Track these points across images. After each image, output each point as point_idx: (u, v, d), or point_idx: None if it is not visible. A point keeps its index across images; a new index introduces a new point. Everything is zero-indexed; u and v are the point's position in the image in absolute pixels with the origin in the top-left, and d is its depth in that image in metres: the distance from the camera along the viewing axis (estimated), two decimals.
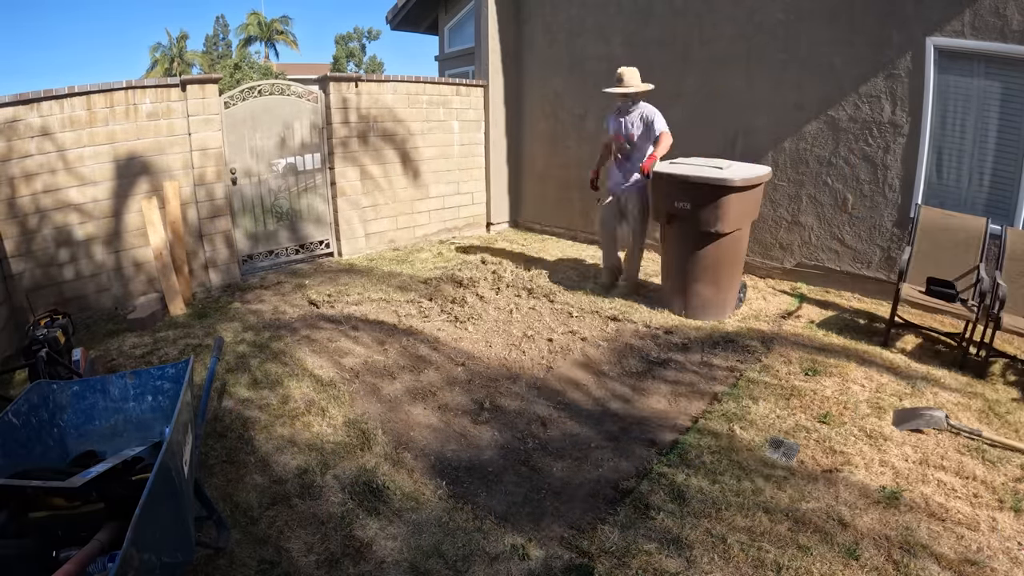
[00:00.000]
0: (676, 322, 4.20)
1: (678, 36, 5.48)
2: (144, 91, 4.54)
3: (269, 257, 5.63)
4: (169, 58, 31.71)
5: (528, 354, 3.75)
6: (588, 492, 2.52)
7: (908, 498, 2.40)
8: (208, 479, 2.53)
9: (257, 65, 30.13)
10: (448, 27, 8.93)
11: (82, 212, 4.39)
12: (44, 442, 2.07)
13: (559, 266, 5.68)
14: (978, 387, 3.31)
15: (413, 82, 6.21)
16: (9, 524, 1.66)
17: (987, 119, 4.07)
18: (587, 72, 6.27)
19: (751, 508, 2.35)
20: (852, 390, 3.25)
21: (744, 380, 3.37)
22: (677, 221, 4.11)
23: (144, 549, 1.45)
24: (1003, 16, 3.81)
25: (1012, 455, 2.67)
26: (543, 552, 2.16)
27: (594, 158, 6.42)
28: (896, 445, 2.76)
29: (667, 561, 2.10)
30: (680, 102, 5.35)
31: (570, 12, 6.31)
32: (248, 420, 3.02)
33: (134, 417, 2.32)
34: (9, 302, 4.10)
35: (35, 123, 4.11)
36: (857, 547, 2.14)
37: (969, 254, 3.82)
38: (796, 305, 4.61)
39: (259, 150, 5.33)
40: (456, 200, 6.87)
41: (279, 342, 3.96)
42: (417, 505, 2.42)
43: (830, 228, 4.83)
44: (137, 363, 3.69)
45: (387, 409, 3.18)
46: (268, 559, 2.13)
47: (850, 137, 4.60)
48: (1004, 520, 2.28)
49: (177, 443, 1.78)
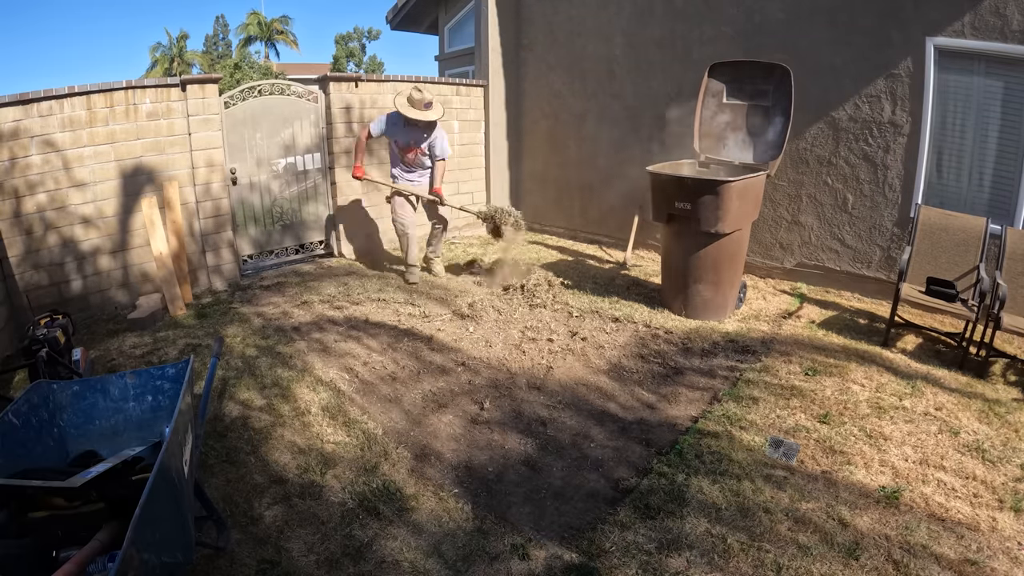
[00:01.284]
0: (676, 322, 4.20)
1: (678, 36, 5.48)
2: (144, 91, 4.54)
3: (269, 257, 5.63)
4: (169, 58, 31.69)
5: (528, 354, 3.75)
6: (588, 492, 2.52)
7: (908, 498, 2.40)
8: (208, 479, 2.53)
9: (257, 65, 30.11)
10: (448, 27, 8.93)
11: (82, 212, 4.39)
12: (44, 442, 2.06)
13: (559, 266, 5.68)
14: (978, 387, 3.31)
15: (413, 82, 6.21)
16: (9, 524, 1.66)
17: (987, 119, 4.07)
18: (587, 72, 6.27)
19: (751, 508, 2.35)
20: (852, 390, 3.25)
21: (744, 380, 3.37)
22: (677, 221, 4.11)
23: (144, 549, 1.45)
24: (1003, 16, 3.81)
25: (1012, 455, 2.67)
26: (543, 552, 2.16)
27: (595, 158, 6.47)
28: (896, 445, 2.76)
29: (667, 561, 2.10)
30: (680, 102, 5.35)
31: (570, 12, 6.31)
32: (249, 420, 3.02)
33: (134, 417, 2.31)
34: (9, 302, 4.10)
35: (35, 123, 4.11)
36: (857, 547, 2.14)
37: (969, 254, 3.82)
38: (796, 305, 4.61)
39: (259, 150, 5.33)
40: (456, 200, 6.81)
41: (279, 342, 3.96)
42: (417, 505, 2.42)
43: (830, 228, 4.83)
44: (137, 363, 3.69)
45: (387, 407, 3.18)
46: (268, 559, 2.13)
47: (850, 137, 4.60)
48: (1004, 520, 2.28)
49: (177, 443, 1.78)
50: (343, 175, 5.82)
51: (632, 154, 5.86)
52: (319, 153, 5.70)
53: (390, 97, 6.01)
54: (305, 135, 5.58)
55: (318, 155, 5.69)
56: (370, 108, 5.87)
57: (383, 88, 5.98)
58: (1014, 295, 3.51)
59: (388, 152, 5.22)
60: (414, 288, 5.01)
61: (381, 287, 5.00)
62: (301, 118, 5.53)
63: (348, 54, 37.63)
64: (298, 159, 5.58)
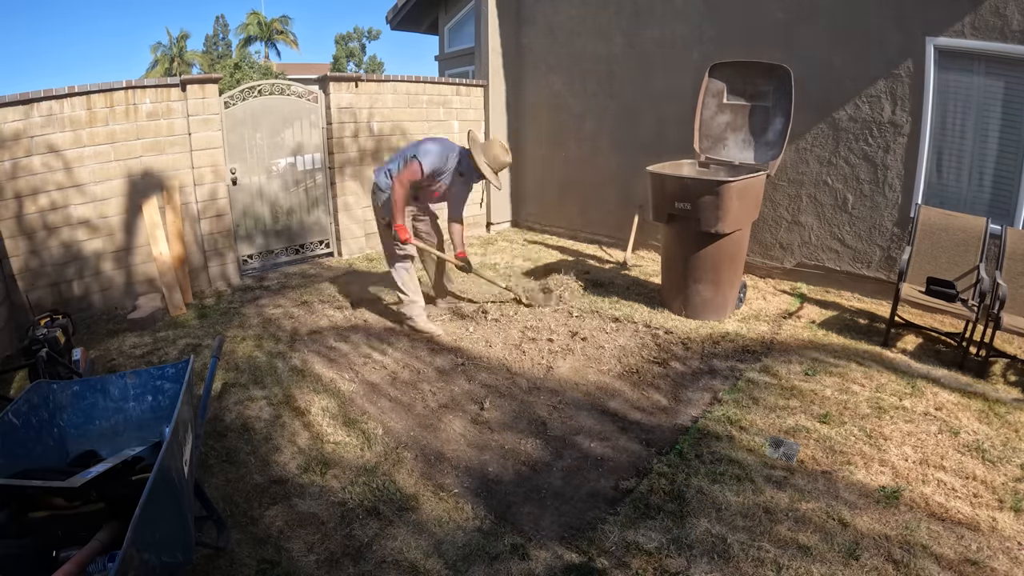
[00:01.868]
0: (676, 322, 4.20)
1: (678, 36, 5.48)
2: (144, 91, 4.54)
3: (269, 257, 5.63)
4: (169, 58, 31.67)
5: (528, 354, 3.75)
6: (588, 492, 2.52)
7: (908, 498, 2.40)
8: (208, 479, 2.53)
9: (257, 65, 30.11)
10: (448, 27, 8.93)
11: (82, 212, 4.39)
12: (44, 442, 2.07)
13: (559, 266, 5.67)
14: (978, 387, 3.30)
15: (413, 82, 6.21)
16: (9, 524, 1.66)
17: (987, 119, 4.06)
18: (587, 72, 6.27)
19: (751, 508, 2.35)
20: (852, 390, 3.25)
21: (744, 380, 3.37)
22: (677, 221, 4.11)
23: (144, 549, 1.45)
24: (1003, 16, 3.81)
25: (1012, 455, 2.67)
26: (543, 552, 2.16)
27: (594, 158, 6.46)
28: (896, 445, 2.76)
29: (667, 561, 2.10)
30: (680, 101, 5.35)
31: (570, 12, 6.31)
32: (249, 420, 3.03)
33: (134, 417, 2.31)
34: (9, 302, 4.10)
35: (35, 123, 4.11)
36: (857, 547, 2.14)
37: (969, 254, 3.82)
38: (796, 305, 4.61)
39: (259, 150, 5.33)
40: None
41: (279, 342, 3.96)
42: (417, 505, 2.42)
43: (830, 228, 4.83)
44: (137, 363, 3.69)
45: (387, 407, 3.18)
46: (268, 559, 2.13)
47: (850, 137, 4.60)
48: (1004, 520, 2.28)
49: (177, 443, 1.78)
50: (342, 175, 5.82)
51: (632, 154, 5.87)
52: (319, 153, 5.70)
53: (390, 97, 6.03)
54: (305, 135, 5.58)
55: (318, 155, 5.69)
56: (370, 108, 5.88)
57: (383, 88, 5.98)
58: (1014, 295, 3.51)
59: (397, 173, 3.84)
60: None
61: (381, 287, 5.00)
62: (301, 118, 5.53)
63: (348, 54, 37.64)
64: (298, 159, 5.58)
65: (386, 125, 6.06)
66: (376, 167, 4.35)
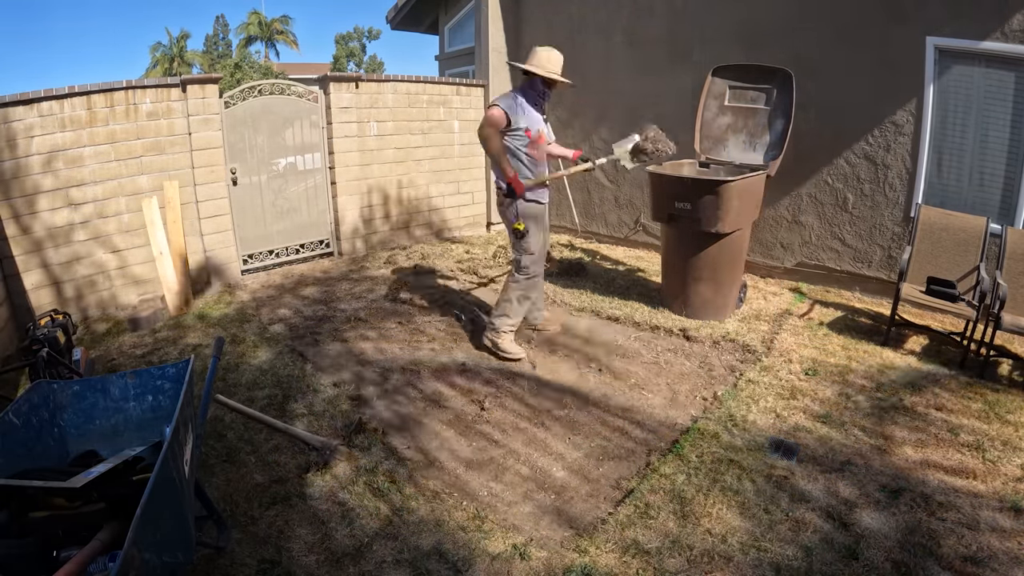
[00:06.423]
0: (677, 322, 4.20)
1: (678, 36, 5.47)
2: (144, 91, 4.54)
3: (269, 257, 5.63)
4: (169, 58, 31.66)
5: (527, 353, 3.75)
6: (588, 492, 2.52)
7: (908, 498, 2.40)
8: (208, 479, 2.53)
9: (257, 65, 30.11)
10: (448, 27, 8.93)
11: (82, 212, 4.39)
12: (44, 442, 2.06)
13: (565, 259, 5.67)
14: (979, 387, 3.30)
15: (413, 82, 6.21)
16: (10, 524, 1.66)
17: (987, 118, 4.06)
18: (587, 71, 6.26)
19: (751, 508, 2.35)
20: (852, 390, 3.25)
21: (744, 380, 3.37)
22: (678, 221, 4.10)
23: (145, 549, 1.45)
24: (1003, 16, 3.81)
25: (1012, 455, 2.67)
26: (543, 552, 2.16)
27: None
28: (896, 445, 2.76)
29: (667, 561, 2.10)
30: (680, 101, 5.34)
31: (570, 11, 6.31)
32: (249, 419, 3.02)
33: (134, 417, 2.31)
34: (9, 302, 4.10)
35: (35, 123, 4.11)
36: (857, 547, 2.14)
37: (969, 254, 3.82)
38: (797, 305, 4.61)
39: (259, 150, 5.33)
40: (456, 200, 6.87)
41: (280, 341, 3.96)
42: (418, 504, 2.42)
43: (831, 227, 4.83)
44: (137, 363, 3.69)
45: (388, 406, 3.18)
46: (268, 559, 2.13)
47: (850, 136, 4.59)
48: (1004, 520, 2.28)
49: (178, 443, 1.78)
50: (343, 175, 5.82)
51: None
52: (319, 153, 5.70)
53: (390, 97, 6.03)
54: (305, 135, 5.58)
55: (318, 155, 5.69)
56: (370, 108, 5.87)
57: (383, 88, 5.97)
58: (1014, 295, 3.51)
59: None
60: (413, 287, 5.01)
61: (381, 287, 5.00)
62: (301, 118, 5.53)
63: (348, 54, 37.64)
64: (298, 159, 5.58)
65: (386, 125, 6.06)
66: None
